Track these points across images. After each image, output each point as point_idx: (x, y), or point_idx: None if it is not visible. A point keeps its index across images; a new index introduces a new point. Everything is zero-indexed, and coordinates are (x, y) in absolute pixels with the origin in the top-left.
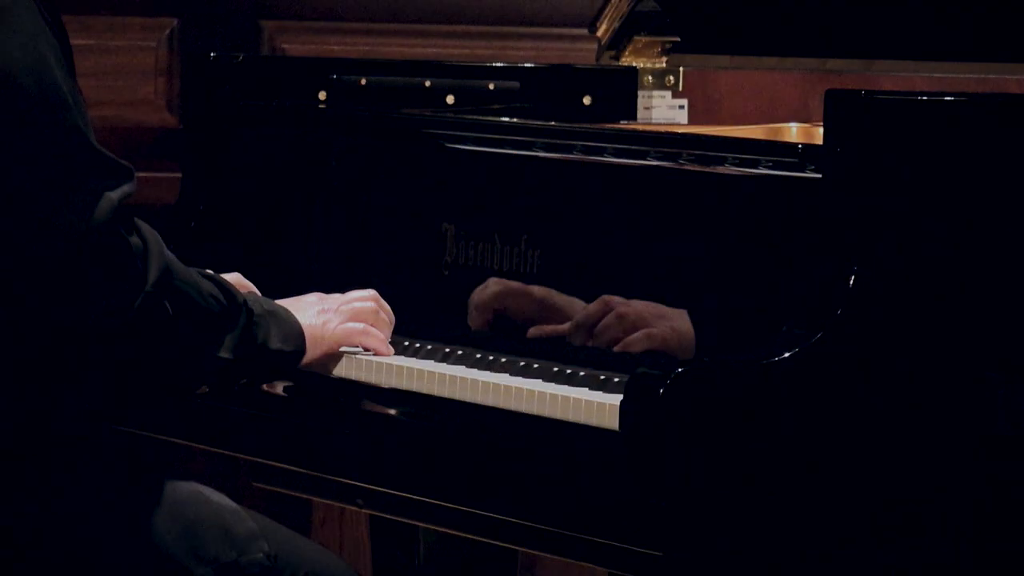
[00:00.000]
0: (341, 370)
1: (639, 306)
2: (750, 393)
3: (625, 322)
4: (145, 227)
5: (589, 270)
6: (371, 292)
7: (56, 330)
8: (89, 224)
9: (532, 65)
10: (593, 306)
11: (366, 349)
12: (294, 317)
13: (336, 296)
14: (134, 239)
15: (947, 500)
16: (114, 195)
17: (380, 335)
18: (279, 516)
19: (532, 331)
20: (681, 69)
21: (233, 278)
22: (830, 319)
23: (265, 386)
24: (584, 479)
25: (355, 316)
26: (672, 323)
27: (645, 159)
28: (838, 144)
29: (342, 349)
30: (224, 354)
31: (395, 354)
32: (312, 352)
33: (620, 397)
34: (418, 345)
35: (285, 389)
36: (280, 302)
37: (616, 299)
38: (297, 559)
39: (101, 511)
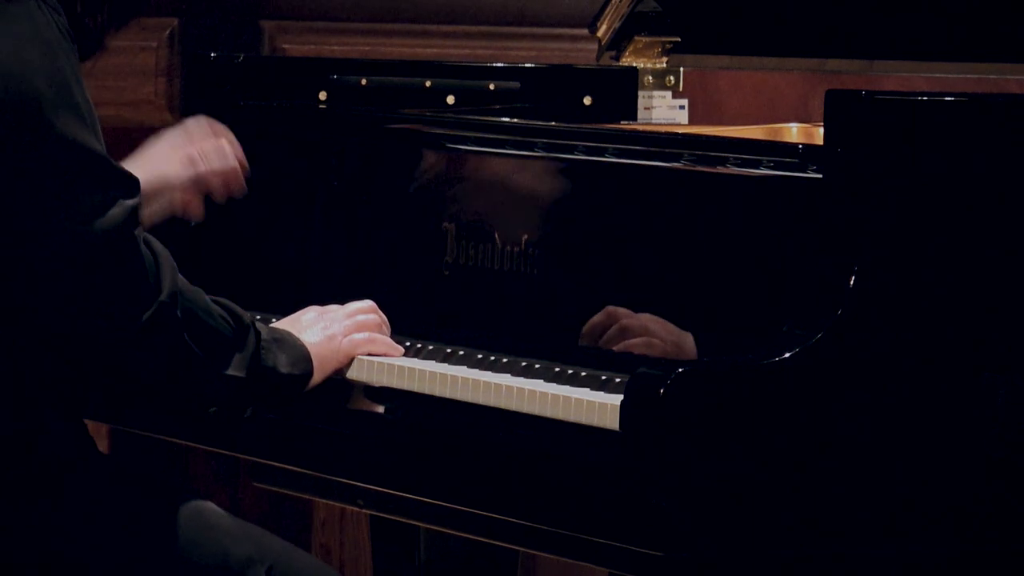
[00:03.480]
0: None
1: (644, 318)
2: (750, 393)
3: (628, 334)
4: (157, 243)
5: (589, 270)
6: (369, 303)
7: (67, 337)
8: (102, 230)
9: (532, 65)
10: (597, 317)
11: (374, 356)
12: (300, 340)
13: (334, 308)
14: (146, 251)
15: (947, 500)
16: (128, 203)
17: (387, 340)
18: (279, 516)
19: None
20: (681, 69)
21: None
22: (830, 319)
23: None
24: (585, 479)
25: (358, 328)
26: (675, 340)
27: (645, 159)
28: (838, 144)
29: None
30: (234, 372)
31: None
32: (321, 372)
33: (621, 397)
34: (419, 346)
35: None
36: (279, 324)
37: (621, 311)
38: None
39: (97, 535)
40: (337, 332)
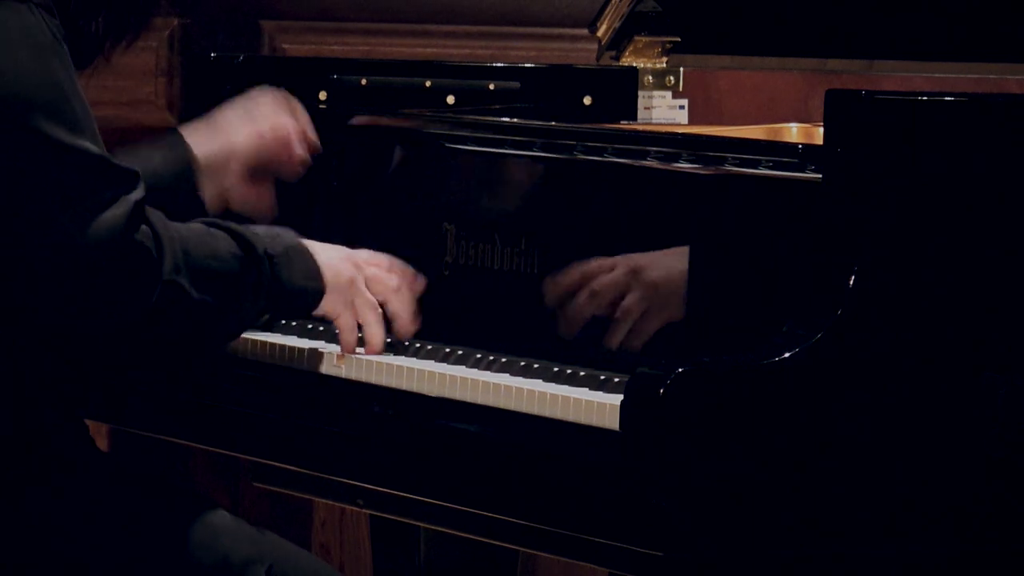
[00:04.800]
0: (342, 370)
1: (615, 276)
2: (750, 393)
3: (601, 300)
4: (154, 215)
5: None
6: (412, 270)
7: (69, 336)
8: (105, 229)
9: (532, 65)
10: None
11: (389, 311)
12: (312, 257)
13: (363, 252)
14: (147, 231)
15: (947, 500)
16: (130, 197)
17: (410, 301)
18: (279, 516)
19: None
20: (681, 69)
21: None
22: (830, 319)
23: (267, 386)
24: (584, 479)
25: (396, 273)
26: (653, 275)
27: (645, 159)
28: (838, 144)
29: (339, 350)
30: (248, 304)
31: (396, 354)
32: (336, 288)
33: (620, 397)
34: (418, 345)
35: (286, 389)
36: (304, 241)
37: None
38: None
39: (97, 535)
40: (360, 261)
